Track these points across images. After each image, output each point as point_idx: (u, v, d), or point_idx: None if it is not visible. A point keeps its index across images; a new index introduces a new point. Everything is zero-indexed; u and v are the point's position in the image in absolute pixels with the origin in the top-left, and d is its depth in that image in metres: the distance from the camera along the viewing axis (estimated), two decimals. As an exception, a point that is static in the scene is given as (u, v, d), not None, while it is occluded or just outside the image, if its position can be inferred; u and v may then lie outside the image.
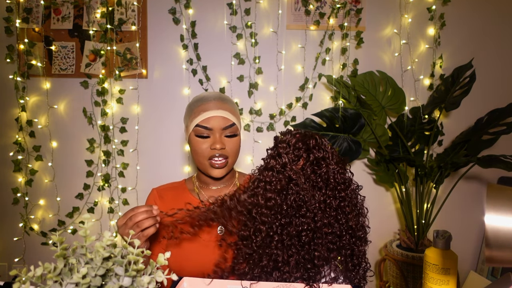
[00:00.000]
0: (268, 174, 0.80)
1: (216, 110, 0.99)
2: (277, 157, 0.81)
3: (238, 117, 1.05)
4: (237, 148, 1.03)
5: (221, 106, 1.01)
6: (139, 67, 1.94)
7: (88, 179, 1.98)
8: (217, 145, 0.97)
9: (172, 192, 1.10)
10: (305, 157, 0.80)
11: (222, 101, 1.03)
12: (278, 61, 1.95)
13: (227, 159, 1.00)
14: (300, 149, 0.80)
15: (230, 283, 0.73)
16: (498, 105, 1.68)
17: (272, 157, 0.82)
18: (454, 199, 1.76)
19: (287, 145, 0.81)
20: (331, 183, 0.80)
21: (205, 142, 1.00)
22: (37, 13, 1.92)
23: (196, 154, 1.02)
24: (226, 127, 0.99)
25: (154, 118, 1.98)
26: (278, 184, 0.78)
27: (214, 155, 0.99)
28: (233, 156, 1.02)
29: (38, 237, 1.99)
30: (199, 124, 0.99)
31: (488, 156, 1.47)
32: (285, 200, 0.78)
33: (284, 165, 0.79)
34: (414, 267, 1.62)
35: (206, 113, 0.99)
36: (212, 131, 0.99)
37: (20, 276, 0.47)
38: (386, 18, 1.95)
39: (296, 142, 0.81)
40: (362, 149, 1.75)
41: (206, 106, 1.00)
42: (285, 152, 0.80)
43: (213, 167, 1.00)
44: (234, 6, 1.90)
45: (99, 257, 0.49)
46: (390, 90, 1.81)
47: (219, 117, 0.99)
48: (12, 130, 1.96)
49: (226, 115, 0.99)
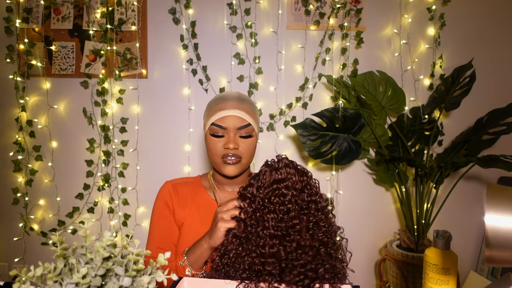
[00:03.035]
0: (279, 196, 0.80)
1: (232, 110, 0.98)
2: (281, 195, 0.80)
3: (255, 118, 1.03)
4: (251, 149, 1.01)
5: (238, 106, 0.99)
6: (139, 67, 1.94)
7: (88, 179, 1.98)
8: (230, 145, 0.96)
9: (187, 187, 1.09)
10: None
11: (240, 101, 1.01)
12: (278, 61, 1.95)
13: (240, 159, 0.99)
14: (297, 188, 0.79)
15: (230, 283, 0.73)
16: (498, 105, 1.68)
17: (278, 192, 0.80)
18: (454, 199, 1.76)
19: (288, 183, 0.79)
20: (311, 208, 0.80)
21: (219, 141, 0.99)
22: (37, 13, 1.92)
23: (210, 153, 1.02)
24: (241, 127, 0.98)
25: (154, 118, 1.98)
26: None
27: (227, 155, 0.98)
28: (247, 157, 1.01)
29: (38, 237, 1.99)
30: (215, 122, 0.99)
31: (488, 156, 1.47)
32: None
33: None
34: (414, 267, 1.62)
35: (222, 112, 0.98)
36: (227, 130, 0.98)
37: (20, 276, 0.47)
38: (386, 18, 1.95)
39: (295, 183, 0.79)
40: (362, 149, 1.75)
41: (223, 105, 1.00)
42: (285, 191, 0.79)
43: (226, 163, 0.99)
44: (234, 6, 1.90)
45: (99, 257, 0.49)
46: (390, 90, 1.81)
47: (235, 116, 0.98)
48: (12, 130, 1.97)
49: (242, 115, 0.98)
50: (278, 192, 0.77)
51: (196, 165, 2.01)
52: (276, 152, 1.97)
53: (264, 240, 0.76)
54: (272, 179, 0.79)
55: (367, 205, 2.00)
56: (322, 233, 0.79)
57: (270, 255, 0.74)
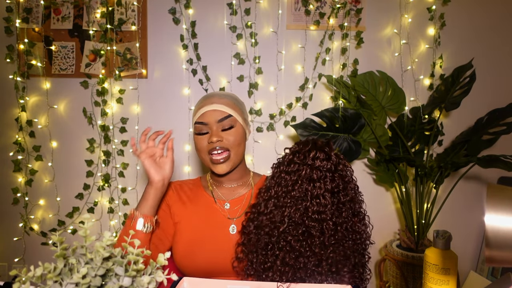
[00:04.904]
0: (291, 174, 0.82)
1: (211, 105, 1.00)
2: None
3: (237, 109, 1.03)
4: (236, 140, 1.01)
5: (217, 101, 1.01)
6: (139, 67, 1.94)
7: (88, 179, 1.98)
8: (213, 138, 0.97)
9: (188, 188, 1.11)
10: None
11: (220, 97, 1.03)
12: (278, 61, 1.95)
13: (228, 152, 1.00)
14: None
15: (230, 283, 0.73)
16: (498, 105, 1.68)
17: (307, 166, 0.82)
18: (454, 199, 1.76)
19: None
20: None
21: (203, 138, 1.01)
22: (37, 13, 1.92)
23: (198, 151, 1.03)
24: (222, 119, 0.99)
25: (154, 118, 1.98)
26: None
27: (213, 149, 0.99)
28: (234, 147, 1.00)
29: (38, 237, 1.99)
30: (197, 121, 1.01)
31: (488, 156, 1.47)
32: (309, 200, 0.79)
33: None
34: (414, 267, 1.62)
35: (202, 109, 1.00)
36: (209, 125, 1.00)
37: (20, 276, 0.47)
38: (386, 18, 1.95)
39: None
40: (362, 149, 1.75)
41: (204, 103, 1.02)
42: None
43: (215, 164, 1.00)
44: (234, 6, 1.90)
45: (99, 257, 0.49)
46: (390, 90, 1.81)
47: (214, 110, 1.00)
48: (12, 130, 1.96)
49: (221, 108, 0.99)
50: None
51: (196, 165, 2.01)
52: (276, 152, 1.97)
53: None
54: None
55: (367, 205, 1.99)
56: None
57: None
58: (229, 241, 0.98)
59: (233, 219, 1.03)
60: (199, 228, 1.02)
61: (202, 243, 0.99)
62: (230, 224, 1.02)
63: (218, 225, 1.02)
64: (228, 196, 1.08)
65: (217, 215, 1.04)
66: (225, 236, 1.00)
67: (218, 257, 0.97)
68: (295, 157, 0.82)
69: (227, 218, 1.03)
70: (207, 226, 1.02)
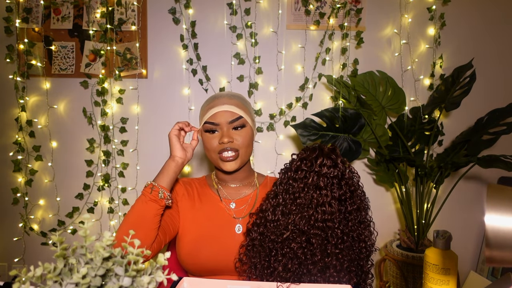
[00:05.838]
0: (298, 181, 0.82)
1: (222, 106, 1.01)
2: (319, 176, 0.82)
3: (246, 110, 1.05)
4: (247, 140, 1.03)
5: (228, 102, 1.02)
6: (139, 67, 1.94)
7: (88, 179, 1.98)
8: (225, 139, 0.98)
9: (195, 185, 1.12)
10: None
11: (230, 97, 1.04)
12: (278, 61, 1.95)
13: (238, 152, 1.01)
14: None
15: (230, 283, 0.73)
16: (498, 105, 1.68)
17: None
18: (454, 199, 1.76)
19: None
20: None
21: (214, 137, 1.01)
22: (37, 13, 1.92)
23: (207, 150, 1.03)
24: (233, 120, 1.00)
25: (154, 118, 1.98)
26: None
27: (224, 149, 1.00)
28: (244, 148, 1.02)
29: (38, 237, 1.99)
30: (207, 121, 1.01)
31: (488, 156, 1.47)
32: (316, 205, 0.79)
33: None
34: (414, 267, 1.62)
35: (213, 109, 1.01)
36: (220, 126, 1.00)
37: (20, 276, 0.47)
38: (386, 18, 1.95)
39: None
40: (362, 149, 1.75)
41: (214, 103, 1.02)
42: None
43: (224, 161, 1.01)
44: (234, 6, 1.90)
45: (99, 257, 0.49)
46: (390, 90, 1.81)
47: (225, 111, 1.00)
48: (12, 130, 1.96)
49: (232, 109, 1.00)
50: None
51: (196, 165, 2.01)
52: (276, 152, 1.97)
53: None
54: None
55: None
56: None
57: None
58: (234, 240, 0.98)
59: (239, 218, 1.04)
60: (205, 225, 1.02)
61: (208, 241, 1.00)
62: (236, 224, 1.02)
63: (224, 224, 1.02)
64: (234, 196, 1.08)
65: (223, 214, 1.05)
66: (231, 236, 1.00)
67: (223, 256, 0.97)
68: (302, 163, 0.82)
69: (233, 218, 1.04)
70: (213, 225, 1.02)
